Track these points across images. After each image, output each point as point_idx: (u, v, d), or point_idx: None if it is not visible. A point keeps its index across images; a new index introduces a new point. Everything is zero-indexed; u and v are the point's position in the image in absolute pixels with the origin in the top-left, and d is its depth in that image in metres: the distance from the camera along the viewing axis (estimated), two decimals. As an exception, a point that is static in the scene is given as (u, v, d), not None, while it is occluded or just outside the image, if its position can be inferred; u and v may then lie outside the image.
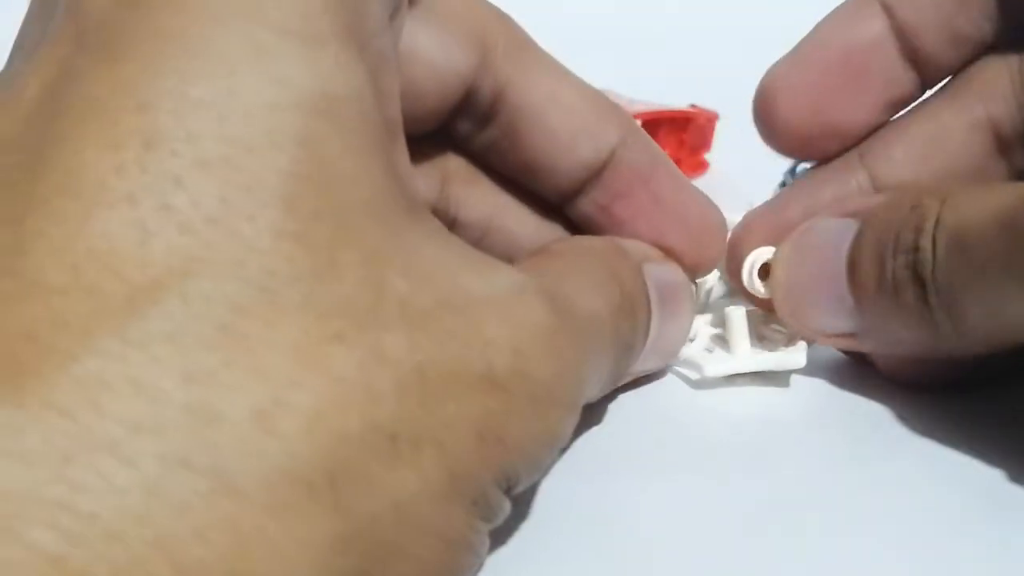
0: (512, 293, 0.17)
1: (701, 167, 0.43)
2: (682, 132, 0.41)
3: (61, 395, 0.13)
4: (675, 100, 0.41)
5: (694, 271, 0.25)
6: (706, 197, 0.25)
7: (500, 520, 0.17)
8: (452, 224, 0.24)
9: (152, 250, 0.14)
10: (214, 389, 0.13)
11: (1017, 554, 0.20)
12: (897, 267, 0.21)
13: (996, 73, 0.24)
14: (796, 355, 0.25)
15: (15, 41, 0.17)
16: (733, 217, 0.37)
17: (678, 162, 0.41)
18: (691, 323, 0.25)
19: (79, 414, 0.13)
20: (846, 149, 0.25)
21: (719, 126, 0.43)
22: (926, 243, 0.21)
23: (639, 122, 0.40)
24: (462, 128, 0.23)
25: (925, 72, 0.25)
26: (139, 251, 0.14)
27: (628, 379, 0.24)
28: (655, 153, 0.25)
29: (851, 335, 0.23)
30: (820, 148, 0.25)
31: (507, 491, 0.17)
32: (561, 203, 0.24)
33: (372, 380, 0.14)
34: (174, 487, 0.13)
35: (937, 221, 0.21)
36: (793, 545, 0.20)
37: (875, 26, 0.25)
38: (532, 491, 0.21)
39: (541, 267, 0.21)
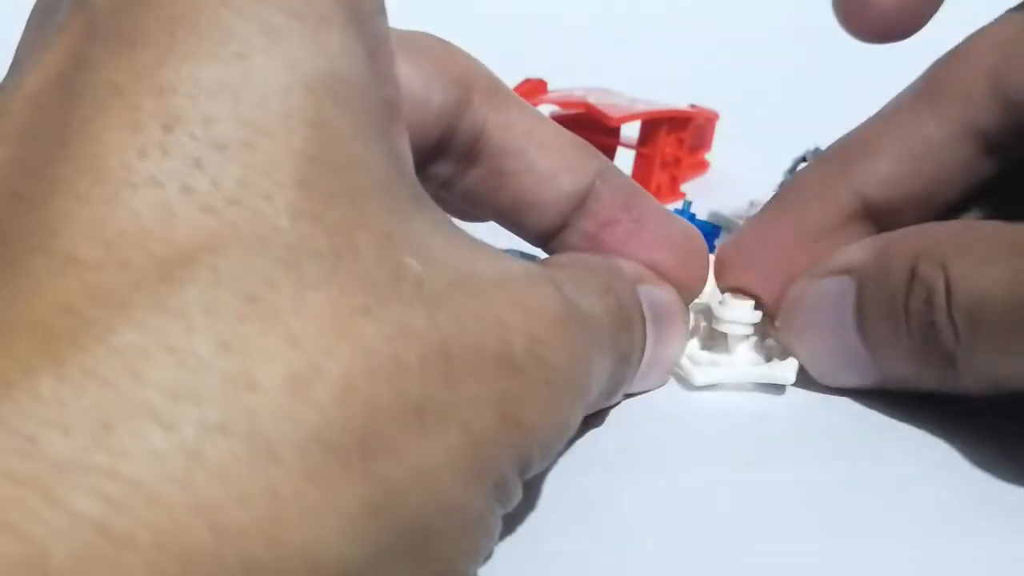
0: (523, 279, 0.17)
1: (701, 167, 0.43)
2: (682, 132, 0.41)
3: (100, 364, 0.13)
4: (675, 100, 0.42)
5: (684, 292, 0.25)
6: (684, 220, 0.26)
7: (513, 506, 0.17)
8: None
9: (179, 229, 0.14)
10: (250, 357, 0.13)
11: (1013, 554, 0.20)
12: (913, 332, 0.22)
13: (972, 74, 0.24)
14: (786, 371, 0.25)
15: (15, 56, 0.17)
16: (733, 217, 0.37)
17: (678, 162, 0.41)
18: (686, 343, 0.26)
19: (118, 382, 0.13)
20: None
21: (719, 126, 0.43)
22: (943, 320, 0.21)
23: (639, 122, 0.40)
24: (445, 171, 0.24)
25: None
26: (167, 230, 0.14)
27: (621, 397, 0.24)
28: (631, 182, 0.25)
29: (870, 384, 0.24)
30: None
31: (521, 476, 0.17)
32: (549, 240, 0.25)
33: (399, 353, 0.15)
34: (214, 452, 0.13)
35: (948, 296, 0.21)
36: (789, 543, 0.20)
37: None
38: (531, 488, 0.21)
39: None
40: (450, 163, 0.24)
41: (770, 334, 0.26)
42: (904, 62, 0.27)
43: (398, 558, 0.14)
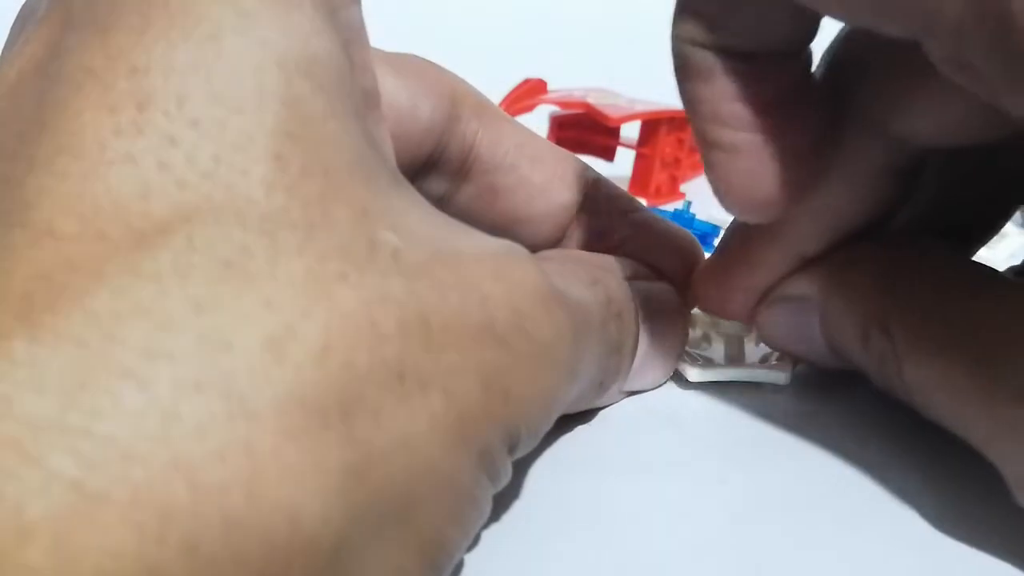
0: (505, 255, 0.17)
1: (701, 167, 0.43)
2: (682, 132, 0.41)
3: (74, 327, 0.13)
4: (675, 100, 0.41)
5: (684, 295, 0.25)
6: (682, 227, 0.26)
7: (501, 485, 0.17)
8: None
9: (154, 203, 0.14)
10: (225, 318, 0.14)
11: (1012, 554, 0.20)
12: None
13: (858, 123, 0.22)
14: (780, 372, 0.25)
15: (0, 56, 0.18)
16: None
17: (677, 162, 0.41)
18: (683, 344, 0.26)
19: (92, 343, 0.13)
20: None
21: (719, 126, 0.43)
22: (899, 387, 0.22)
23: (639, 122, 0.40)
24: (438, 187, 0.24)
25: None
26: (142, 204, 0.14)
27: (619, 397, 0.24)
28: (625, 192, 0.26)
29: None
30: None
31: (509, 453, 0.17)
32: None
33: (377, 318, 0.15)
34: (190, 410, 0.13)
35: (899, 370, 0.21)
36: (787, 544, 0.20)
37: None
38: (528, 488, 0.21)
39: None
40: (443, 179, 0.24)
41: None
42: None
43: (383, 522, 0.15)
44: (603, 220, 0.25)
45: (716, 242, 0.30)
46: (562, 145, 0.27)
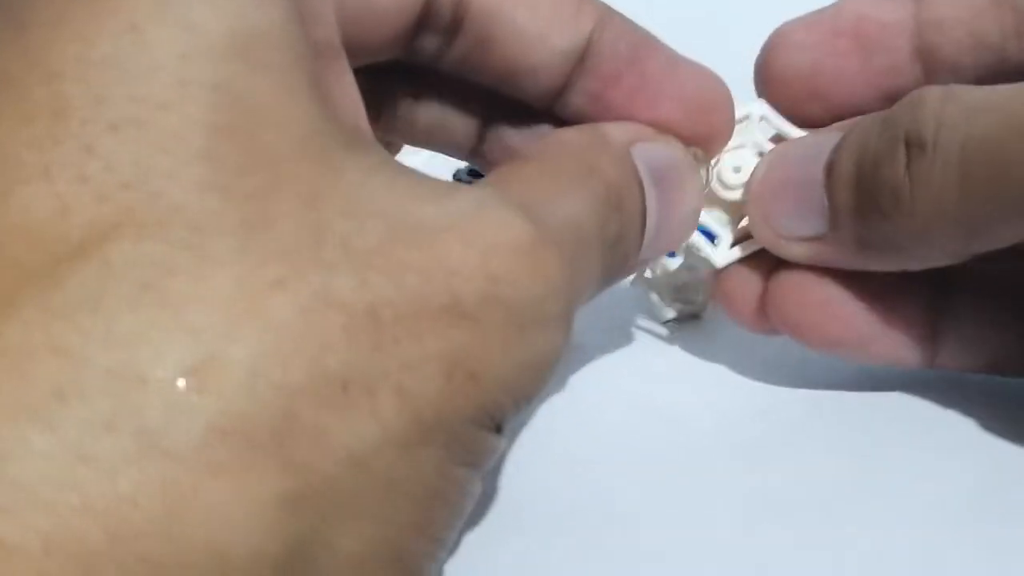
0: (475, 212, 0.16)
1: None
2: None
3: None
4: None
5: (703, 145, 0.23)
6: (705, 69, 0.23)
7: (490, 461, 0.16)
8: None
9: (72, 222, 0.13)
10: (139, 351, 0.13)
11: (1015, 551, 0.20)
12: (880, 148, 0.21)
13: None
14: (716, 254, 0.24)
15: None
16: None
17: (678, 162, 0.41)
18: (699, 200, 0.23)
19: (2, 385, 0.12)
20: (831, 120, 0.24)
21: (719, 126, 0.43)
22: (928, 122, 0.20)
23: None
24: (431, 44, 0.22)
25: (933, 70, 0.24)
26: (60, 223, 0.13)
27: (634, 270, 0.23)
28: (639, 33, 0.23)
29: (819, 240, 0.23)
30: (806, 112, 0.24)
31: (495, 428, 0.16)
32: (552, 103, 0.23)
33: (317, 326, 0.14)
34: (100, 451, 0.12)
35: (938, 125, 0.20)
36: (793, 544, 0.20)
37: (900, 12, 0.23)
38: (528, 487, 0.21)
39: (508, 177, 0.19)
40: (435, 35, 0.22)
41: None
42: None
43: (334, 541, 0.14)
44: (609, 67, 0.22)
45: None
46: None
